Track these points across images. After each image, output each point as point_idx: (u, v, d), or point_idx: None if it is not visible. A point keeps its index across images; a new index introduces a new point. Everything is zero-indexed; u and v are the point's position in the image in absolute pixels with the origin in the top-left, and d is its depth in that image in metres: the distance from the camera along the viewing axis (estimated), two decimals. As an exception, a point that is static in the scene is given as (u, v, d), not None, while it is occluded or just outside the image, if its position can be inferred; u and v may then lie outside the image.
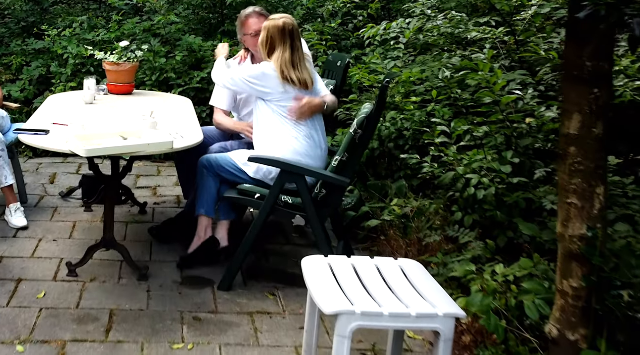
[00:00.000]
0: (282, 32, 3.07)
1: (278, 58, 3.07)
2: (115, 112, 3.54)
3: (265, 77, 3.08)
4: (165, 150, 2.77)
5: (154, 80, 5.38)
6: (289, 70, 3.04)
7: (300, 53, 3.11)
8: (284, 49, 3.06)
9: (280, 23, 3.08)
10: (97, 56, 4.06)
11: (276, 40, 3.09)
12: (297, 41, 3.11)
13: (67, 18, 6.57)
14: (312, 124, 3.10)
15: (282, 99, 3.07)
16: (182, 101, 4.03)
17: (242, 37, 3.56)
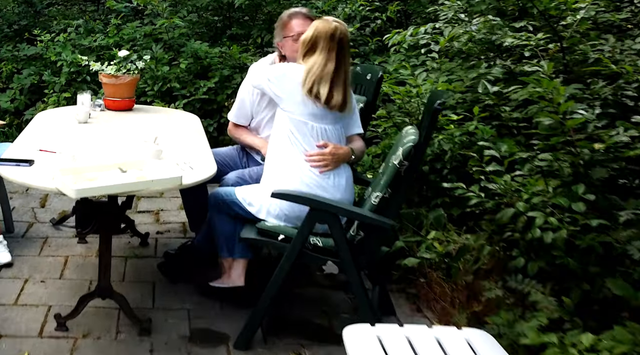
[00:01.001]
0: (331, 37, 2.58)
1: (313, 65, 2.58)
2: (112, 134, 3.06)
3: (284, 78, 2.63)
4: (172, 187, 2.29)
5: (156, 90, 4.91)
6: (318, 84, 2.55)
7: (346, 69, 2.63)
8: (327, 57, 2.58)
9: (332, 26, 2.60)
10: (93, 67, 3.58)
11: (320, 43, 2.59)
12: (346, 54, 2.63)
13: (62, 21, 6.09)
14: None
15: (296, 111, 2.59)
16: (189, 119, 3.54)
17: (280, 41, 3.06)
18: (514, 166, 2.88)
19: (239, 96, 3.18)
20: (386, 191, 2.41)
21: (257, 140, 3.13)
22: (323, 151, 2.58)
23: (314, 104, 2.56)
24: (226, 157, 3.24)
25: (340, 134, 2.66)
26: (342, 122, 2.66)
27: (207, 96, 4.86)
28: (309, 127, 2.57)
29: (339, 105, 2.58)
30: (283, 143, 2.63)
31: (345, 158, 2.65)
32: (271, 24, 5.61)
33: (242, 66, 5.08)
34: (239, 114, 3.19)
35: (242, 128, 3.22)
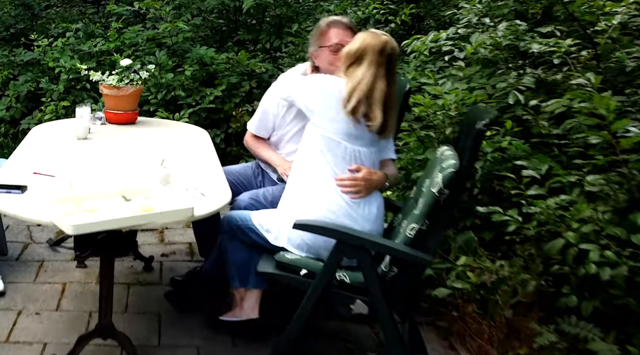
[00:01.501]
0: (380, 52, 2.32)
1: (359, 81, 2.31)
2: (114, 153, 2.79)
3: (320, 91, 2.37)
4: (183, 220, 2.02)
5: (160, 98, 4.64)
6: (364, 102, 2.28)
7: (393, 89, 2.37)
8: (375, 74, 2.31)
9: (381, 39, 2.33)
10: (93, 77, 3.31)
11: (367, 57, 2.32)
12: (394, 72, 2.36)
13: (61, 24, 5.82)
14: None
15: (329, 128, 2.32)
16: (197, 134, 3.27)
17: (315, 50, 2.79)
18: (550, 184, 2.61)
19: (261, 106, 2.92)
20: (423, 222, 2.14)
21: (275, 157, 2.86)
22: (355, 176, 2.31)
23: (352, 123, 2.29)
24: (240, 175, 2.97)
25: (374, 157, 2.39)
26: (378, 145, 2.40)
27: (214, 105, 4.59)
28: (341, 148, 2.31)
29: (379, 127, 2.32)
30: (310, 163, 2.37)
31: (379, 185, 2.38)
32: (280, 28, 5.35)
33: (251, 73, 4.81)
34: (259, 126, 2.93)
35: (261, 140, 2.95)
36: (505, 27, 3.94)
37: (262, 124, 2.91)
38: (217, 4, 5.25)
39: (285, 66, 4.92)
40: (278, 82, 2.83)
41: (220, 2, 5.19)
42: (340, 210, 2.30)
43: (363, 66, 2.31)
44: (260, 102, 2.95)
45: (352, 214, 2.30)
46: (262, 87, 4.83)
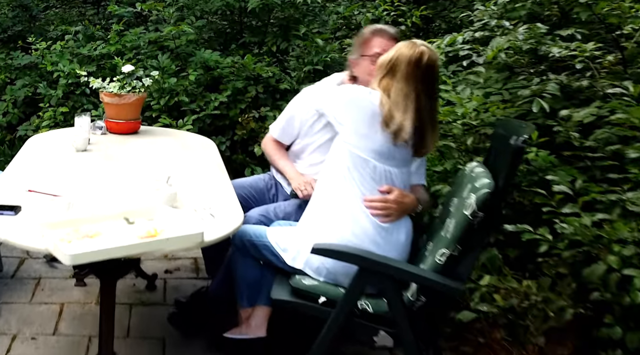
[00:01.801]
0: (415, 64, 2.12)
1: (392, 93, 2.13)
2: (115, 167, 2.60)
3: (352, 103, 2.18)
4: (192, 247, 1.84)
5: (162, 104, 4.44)
6: (399, 117, 2.10)
7: (432, 105, 2.18)
8: (409, 87, 2.12)
9: (417, 50, 2.13)
10: (93, 84, 3.12)
11: (401, 68, 2.13)
12: (433, 87, 2.17)
13: (60, 27, 5.63)
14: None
15: (359, 144, 2.13)
16: (203, 145, 3.08)
17: (356, 58, 2.61)
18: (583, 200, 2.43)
19: (288, 111, 2.75)
20: (455, 248, 1.95)
21: (290, 170, 2.68)
22: (387, 197, 2.12)
23: (384, 140, 2.10)
24: (251, 189, 2.79)
25: (406, 179, 2.20)
26: (410, 167, 2.21)
27: (219, 111, 4.39)
28: (370, 167, 2.12)
29: (415, 145, 2.13)
30: (336, 181, 2.18)
31: (411, 209, 2.20)
32: (287, 31, 5.16)
33: (257, 78, 4.62)
34: (283, 131, 2.76)
35: (280, 147, 2.78)
36: (525, 30, 3.77)
37: (286, 130, 2.74)
38: (221, 5, 5.06)
39: (292, 70, 4.74)
40: (310, 89, 2.67)
41: (225, 3, 4.99)
42: (365, 234, 2.11)
43: (396, 78, 2.13)
44: (287, 106, 2.78)
45: (378, 240, 2.11)
46: (269, 92, 4.65)
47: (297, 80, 4.61)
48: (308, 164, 2.67)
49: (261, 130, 4.46)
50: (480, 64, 3.56)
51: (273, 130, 2.80)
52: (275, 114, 4.48)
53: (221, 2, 4.99)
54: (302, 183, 2.57)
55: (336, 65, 5.13)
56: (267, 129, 4.59)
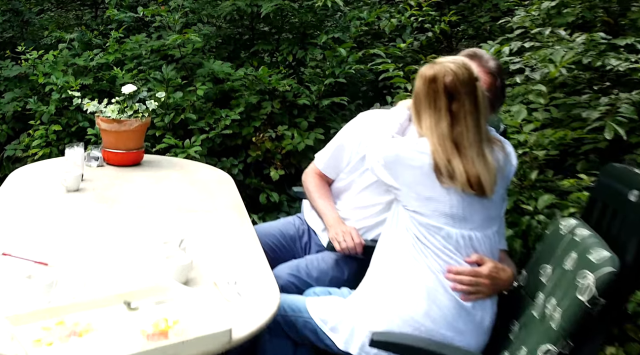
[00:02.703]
0: (430, 83, 1.73)
1: (430, 133, 1.72)
2: (113, 215, 2.12)
3: (398, 163, 1.74)
4: (216, 350, 1.36)
5: (167, 122, 3.96)
6: (444, 156, 1.67)
7: (484, 128, 1.73)
8: (438, 115, 1.71)
9: (431, 71, 1.73)
10: (88, 107, 2.64)
11: (421, 98, 1.75)
12: (462, 106, 1.71)
13: (54, 33, 5.14)
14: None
15: (423, 210, 1.68)
16: (219, 180, 2.59)
17: None
18: None
19: (338, 139, 2.27)
20: (565, 344, 1.47)
21: (330, 213, 2.19)
22: (478, 271, 1.66)
23: (452, 195, 1.66)
24: (280, 237, 2.32)
25: (493, 245, 1.74)
26: (494, 226, 1.74)
27: (231, 130, 3.91)
28: (443, 234, 1.65)
29: (487, 187, 1.67)
30: (403, 249, 1.72)
31: (506, 286, 1.73)
32: (304, 38, 4.68)
33: (272, 91, 4.14)
34: (329, 163, 2.29)
35: (323, 183, 2.31)
36: (584, 40, 3.30)
37: (332, 162, 2.27)
38: (231, 9, 4.58)
39: (310, 83, 4.26)
40: (368, 115, 2.21)
41: (236, 8, 4.51)
42: (443, 316, 1.64)
43: (421, 111, 1.74)
44: (338, 133, 2.30)
45: (458, 324, 1.64)
46: (286, 108, 4.17)
47: (317, 94, 4.13)
48: (353, 206, 2.19)
49: (277, 151, 3.99)
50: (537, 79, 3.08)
51: (318, 161, 2.33)
52: (294, 132, 4.01)
53: (231, 7, 4.52)
54: (340, 233, 2.09)
55: (360, 77, 4.66)
56: (283, 149, 4.17)
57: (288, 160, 4.05)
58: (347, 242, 2.05)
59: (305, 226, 2.34)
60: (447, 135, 1.68)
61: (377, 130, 1.91)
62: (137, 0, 6.06)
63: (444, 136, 1.68)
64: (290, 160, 4.05)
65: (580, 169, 2.96)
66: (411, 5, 4.70)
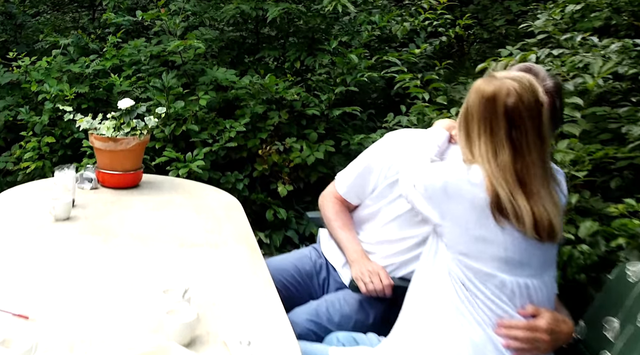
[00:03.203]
0: (487, 106, 1.47)
1: (503, 163, 1.45)
2: (106, 250, 1.87)
3: (445, 194, 1.48)
4: None
5: (167, 133, 3.72)
6: (506, 193, 1.41)
7: (549, 162, 1.49)
8: (495, 143, 1.45)
9: (489, 89, 1.46)
10: (80, 124, 2.40)
11: (474, 121, 1.49)
12: (547, 140, 1.47)
13: (49, 37, 4.90)
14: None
15: (472, 253, 1.43)
16: (225, 205, 2.33)
17: None
18: None
19: (363, 161, 2.01)
20: None
21: (353, 248, 1.94)
22: (534, 324, 1.41)
23: (510, 237, 1.40)
24: (294, 272, 2.06)
25: (549, 292, 1.49)
26: (551, 271, 1.49)
27: (235, 143, 3.67)
28: (495, 282, 1.42)
29: (557, 229, 1.42)
30: (443, 294, 1.48)
31: (566, 339, 1.48)
32: (313, 43, 4.44)
33: (279, 101, 3.90)
34: (352, 187, 2.02)
35: (344, 209, 2.05)
36: (619, 48, 3.06)
37: (356, 186, 2.00)
38: (235, 13, 4.33)
39: (320, 91, 4.02)
40: (399, 136, 1.96)
41: (240, 12, 4.27)
42: None
43: (473, 135, 1.49)
44: (363, 153, 2.04)
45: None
46: (294, 118, 3.93)
47: (327, 103, 3.89)
48: (378, 239, 1.94)
49: (285, 164, 3.75)
50: (572, 91, 2.83)
51: (339, 184, 2.06)
52: (302, 145, 3.76)
53: (235, 10, 4.27)
54: (366, 272, 1.84)
55: (370, 84, 4.42)
56: (291, 162, 3.91)
57: (296, 173, 3.81)
58: (375, 284, 1.80)
59: (323, 260, 2.09)
60: (510, 167, 1.43)
61: (411, 153, 1.67)
62: (136, 2, 5.83)
63: (505, 168, 1.43)
64: (298, 174, 3.81)
65: (615, 186, 2.72)
66: (424, 8, 4.47)
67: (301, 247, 3.82)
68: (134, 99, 4.06)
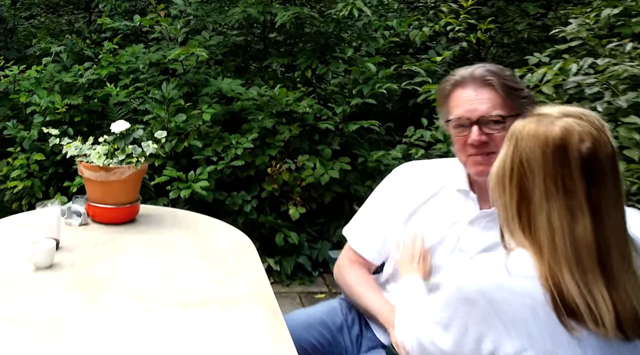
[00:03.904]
0: (557, 156, 1.11)
1: (579, 238, 1.08)
2: (95, 313, 1.54)
3: (476, 306, 1.11)
4: None
5: (168, 150, 3.40)
6: (587, 278, 1.06)
7: (626, 234, 1.12)
8: (568, 209, 1.09)
9: (555, 130, 1.11)
10: (67, 150, 2.08)
11: (535, 177, 1.12)
12: (606, 202, 1.10)
13: (42, 42, 4.58)
14: None
15: None
16: (236, 248, 1.98)
17: (443, 124, 1.62)
18: None
19: (373, 205, 1.74)
20: None
21: (386, 308, 1.63)
22: None
23: (577, 342, 1.06)
24: (323, 329, 1.74)
25: None
26: None
27: (242, 161, 3.34)
28: None
29: (631, 322, 1.07)
30: None
31: None
32: (325, 50, 4.12)
33: (290, 114, 3.58)
34: (367, 239, 1.72)
35: (362, 269, 1.73)
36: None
37: (371, 238, 1.71)
38: (241, 18, 4.02)
39: (334, 103, 3.70)
40: (407, 172, 1.71)
41: (246, 16, 3.95)
42: None
43: (534, 201, 1.11)
44: (370, 198, 1.75)
45: None
46: (306, 133, 3.60)
47: (341, 117, 3.56)
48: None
49: (296, 183, 3.43)
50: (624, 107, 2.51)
51: (352, 240, 1.75)
52: (315, 162, 3.44)
53: (241, 14, 3.95)
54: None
55: (387, 95, 4.09)
56: (303, 181, 3.59)
57: (308, 193, 3.48)
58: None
59: (355, 315, 1.76)
60: (590, 242, 1.07)
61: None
62: (134, 4, 5.52)
63: (582, 244, 1.07)
64: (311, 194, 3.49)
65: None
66: (443, 11, 4.15)
67: (314, 274, 3.50)
68: (131, 111, 3.78)
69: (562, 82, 2.77)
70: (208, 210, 3.44)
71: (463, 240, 1.57)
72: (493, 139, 1.50)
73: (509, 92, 1.52)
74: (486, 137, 1.50)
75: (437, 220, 1.62)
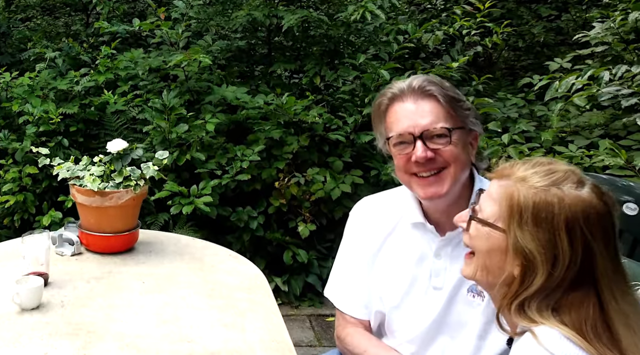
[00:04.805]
0: (583, 224, 0.98)
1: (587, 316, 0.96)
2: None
3: None
4: None
5: (169, 162, 3.18)
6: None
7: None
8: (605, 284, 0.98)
9: (583, 197, 0.99)
10: (58, 171, 1.88)
11: (553, 234, 0.98)
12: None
13: (38, 45, 4.38)
14: None
15: None
16: (250, 284, 1.78)
17: (381, 145, 1.44)
18: None
19: (345, 252, 1.57)
20: None
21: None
22: None
23: None
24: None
25: None
26: None
27: (248, 175, 3.14)
28: None
29: None
30: None
31: None
32: (334, 56, 3.92)
33: (298, 124, 3.38)
34: (351, 296, 1.54)
35: (364, 331, 1.52)
36: None
37: (357, 294, 1.53)
38: (245, 21, 3.82)
39: (344, 112, 3.50)
40: (363, 209, 1.58)
41: (252, 19, 3.75)
42: None
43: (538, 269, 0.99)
44: (342, 240, 1.58)
45: None
46: (315, 144, 3.40)
47: (353, 127, 3.36)
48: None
49: (305, 198, 3.22)
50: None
51: (339, 302, 1.57)
52: (326, 175, 3.24)
53: (245, 18, 3.75)
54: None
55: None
56: (313, 195, 3.38)
57: (318, 208, 3.28)
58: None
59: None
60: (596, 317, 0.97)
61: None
62: (133, 7, 5.32)
63: (588, 321, 0.96)
64: (320, 209, 3.28)
65: None
66: (455, 13, 3.95)
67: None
68: (130, 120, 3.58)
69: (596, 93, 2.58)
70: (212, 227, 3.24)
71: (434, 277, 1.40)
72: (440, 154, 1.32)
73: (452, 102, 1.35)
74: (432, 153, 1.32)
75: (401, 260, 1.45)
